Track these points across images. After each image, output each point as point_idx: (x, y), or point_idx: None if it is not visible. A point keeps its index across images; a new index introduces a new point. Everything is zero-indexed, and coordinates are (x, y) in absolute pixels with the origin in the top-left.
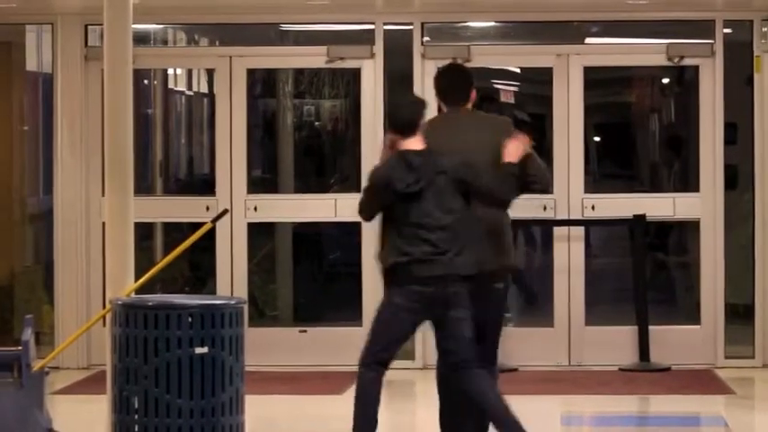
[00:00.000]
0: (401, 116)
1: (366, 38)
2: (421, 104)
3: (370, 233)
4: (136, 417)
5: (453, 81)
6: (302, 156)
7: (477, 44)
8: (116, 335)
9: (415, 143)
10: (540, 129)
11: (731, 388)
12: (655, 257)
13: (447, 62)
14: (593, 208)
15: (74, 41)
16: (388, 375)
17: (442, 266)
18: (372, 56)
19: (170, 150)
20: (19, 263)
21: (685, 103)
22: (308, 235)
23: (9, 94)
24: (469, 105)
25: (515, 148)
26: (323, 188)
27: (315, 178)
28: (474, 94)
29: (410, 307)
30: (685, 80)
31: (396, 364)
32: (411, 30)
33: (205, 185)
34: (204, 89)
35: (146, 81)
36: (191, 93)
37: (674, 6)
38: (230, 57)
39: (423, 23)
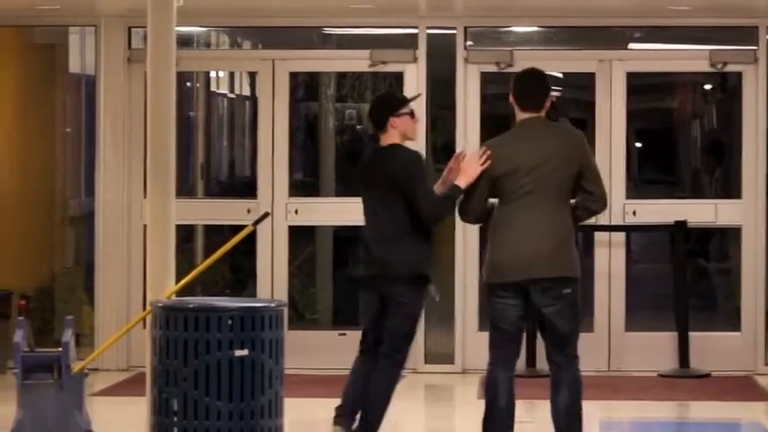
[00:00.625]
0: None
1: (409, 42)
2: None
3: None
4: (175, 419)
5: (530, 87)
6: (343, 159)
7: (519, 49)
8: (156, 337)
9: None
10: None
11: None
12: (696, 264)
13: (491, 66)
14: (634, 213)
15: (117, 43)
16: (428, 379)
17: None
18: (415, 60)
19: (212, 153)
20: (60, 264)
21: (728, 110)
22: (348, 238)
23: (52, 95)
24: (543, 113)
25: (470, 171)
26: None
27: (355, 182)
28: (548, 102)
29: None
30: (728, 86)
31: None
32: (454, 34)
33: (246, 188)
34: (246, 92)
35: (188, 84)
36: (233, 96)
37: (717, 12)
38: (273, 60)
39: (466, 28)
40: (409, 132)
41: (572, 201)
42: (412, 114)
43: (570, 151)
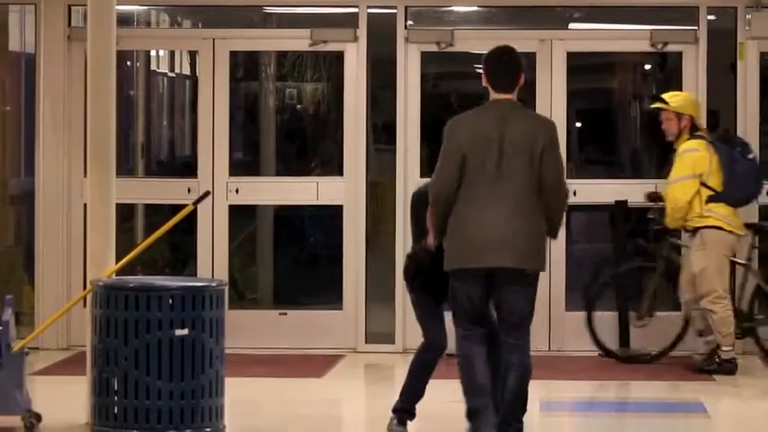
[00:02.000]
0: None
1: (349, 21)
2: None
3: (351, 217)
4: (116, 398)
5: (503, 65)
6: (284, 139)
7: (460, 29)
8: (97, 316)
9: None
10: None
11: (710, 374)
12: (636, 243)
13: (431, 46)
14: (575, 193)
15: (57, 22)
16: (369, 358)
17: None
18: (356, 39)
19: (152, 132)
20: None
21: (668, 90)
22: (289, 218)
23: None
24: (515, 95)
25: None
26: (305, 171)
27: (296, 161)
28: (522, 80)
29: None
30: (668, 66)
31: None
32: (395, 13)
33: (187, 167)
34: (187, 71)
35: (128, 63)
36: (173, 75)
37: None
38: (213, 39)
39: (406, 7)
40: None
41: None
42: None
43: (539, 138)
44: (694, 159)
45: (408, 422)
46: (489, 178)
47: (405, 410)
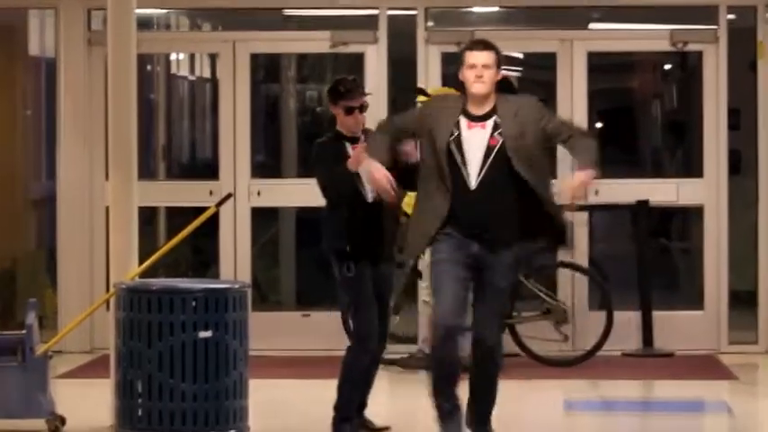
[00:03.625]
0: None
1: (370, 23)
2: None
3: None
4: (139, 401)
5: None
6: (305, 141)
7: (480, 29)
8: (120, 319)
9: None
10: None
11: (734, 373)
12: (658, 243)
13: (451, 47)
14: (596, 193)
15: (77, 26)
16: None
17: None
18: (376, 41)
19: (173, 135)
20: (22, 248)
21: (688, 89)
22: (311, 220)
23: (12, 78)
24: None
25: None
26: None
27: None
28: (499, 74)
29: None
30: (689, 66)
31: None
32: (415, 15)
33: (208, 170)
34: (207, 74)
35: (149, 66)
36: (194, 78)
37: None
38: (234, 42)
39: (426, 8)
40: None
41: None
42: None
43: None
44: None
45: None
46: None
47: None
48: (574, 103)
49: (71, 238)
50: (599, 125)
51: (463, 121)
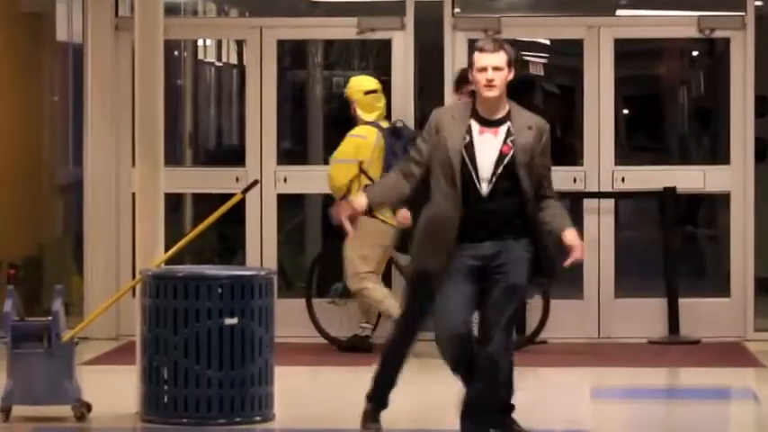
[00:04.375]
0: None
1: (397, 9)
2: None
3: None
4: (165, 387)
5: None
6: (332, 127)
7: (507, 16)
8: (146, 305)
9: None
10: (570, 101)
11: (761, 361)
12: (684, 230)
13: (478, 34)
14: (623, 180)
15: (104, 12)
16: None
17: None
18: (403, 27)
19: (200, 121)
20: (48, 234)
21: (716, 76)
22: None
23: (39, 64)
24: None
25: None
26: None
27: None
28: (511, 74)
29: None
30: (716, 53)
31: None
32: (442, 1)
33: (235, 156)
34: (234, 60)
35: (176, 52)
36: (220, 64)
37: None
38: (261, 28)
39: None
40: None
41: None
42: None
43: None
44: (357, 145)
45: None
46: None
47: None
48: (601, 89)
49: (97, 225)
50: (626, 112)
51: (475, 126)
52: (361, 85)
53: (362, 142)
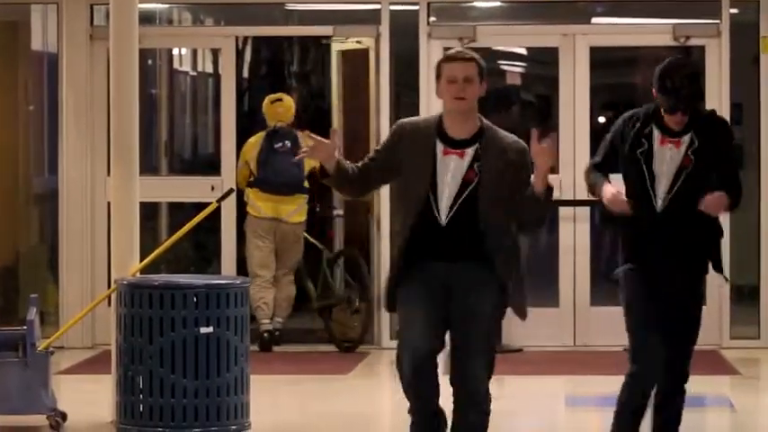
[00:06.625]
0: None
1: (372, 18)
2: None
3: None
4: (141, 396)
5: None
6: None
7: (483, 24)
8: (121, 315)
9: None
10: (545, 109)
11: (737, 369)
12: None
13: (453, 42)
14: None
15: (79, 21)
16: None
17: None
18: (378, 36)
19: (175, 130)
20: (24, 243)
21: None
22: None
23: (14, 73)
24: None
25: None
26: None
27: None
28: (483, 87)
29: None
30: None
31: None
32: (417, 10)
33: (210, 165)
34: (210, 69)
35: (151, 61)
36: (195, 73)
37: None
38: (236, 37)
39: (429, 3)
40: None
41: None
42: None
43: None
44: (245, 148)
45: None
46: None
47: None
48: (576, 98)
49: (73, 234)
50: (602, 120)
51: (439, 147)
52: (266, 102)
53: (248, 145)
